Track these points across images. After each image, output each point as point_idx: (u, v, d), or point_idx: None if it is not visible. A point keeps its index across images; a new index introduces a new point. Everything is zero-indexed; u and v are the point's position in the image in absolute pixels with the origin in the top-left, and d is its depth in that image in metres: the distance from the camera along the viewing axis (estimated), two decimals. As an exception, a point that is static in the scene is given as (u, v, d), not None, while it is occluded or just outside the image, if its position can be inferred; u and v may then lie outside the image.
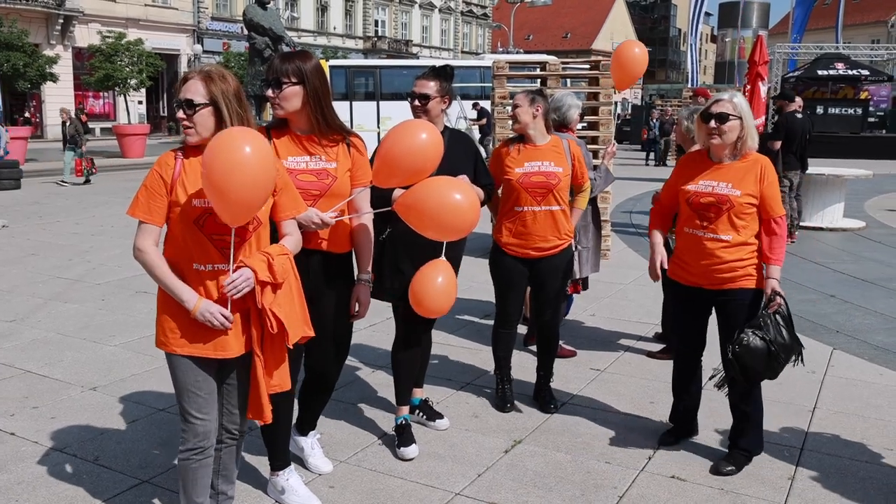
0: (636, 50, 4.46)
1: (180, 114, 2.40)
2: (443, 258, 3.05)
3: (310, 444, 3.38)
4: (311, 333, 2.61)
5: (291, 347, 2.50)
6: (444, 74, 3.45)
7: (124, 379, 4.47)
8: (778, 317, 3.20)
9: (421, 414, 3.84)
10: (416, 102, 3.43)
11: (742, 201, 3.21)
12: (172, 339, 2.45)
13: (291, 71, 2.78)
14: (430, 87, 3.40)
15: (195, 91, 2.39)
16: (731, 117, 3.21)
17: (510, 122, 4.37)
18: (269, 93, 2.81)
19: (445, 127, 3.52)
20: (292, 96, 2.79)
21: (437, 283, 2.98)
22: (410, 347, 3.58)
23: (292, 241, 2.59)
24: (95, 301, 6.29)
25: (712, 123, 3.23)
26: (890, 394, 4.35)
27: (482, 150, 20.58)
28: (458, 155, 3.47)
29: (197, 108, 2.38)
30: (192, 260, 2.43)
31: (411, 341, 3.58)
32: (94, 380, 4.45)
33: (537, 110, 3.84)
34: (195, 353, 2.45)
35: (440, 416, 3.86)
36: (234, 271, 2.38)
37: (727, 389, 3.42)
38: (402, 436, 3.55)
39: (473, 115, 20.24)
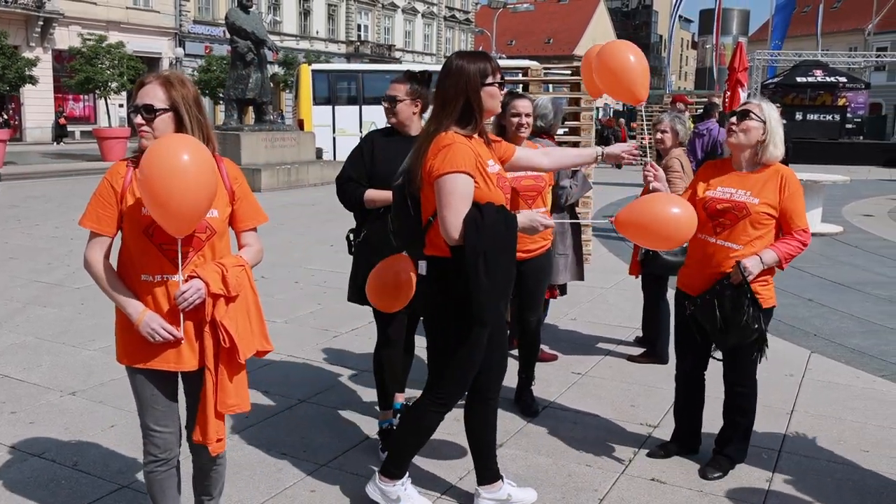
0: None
1: (138, 119, 2.34)
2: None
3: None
4: (270, 348, 2.52)
5: (243, 363, 2.41)
6: (416, 79, 3.45)
7: (104, 383, 4.43)
8: (743, 295, 3.12)
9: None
10: (385, 104, 3.45)
11: (759, 210, 3.15)
12: (129, 353, 2.43)
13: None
14: (400, 90, 3.40)
15: (154, 96, 2.34)
16: (752, 116, 3.17)
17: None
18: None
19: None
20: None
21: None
22: (392, 351, 3.59)
23: (251, 252, 2.54)
24: (75, 305, 6.24)
25: (733, 119, 3.22)
26: (866, 396, 4.41)
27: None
28: None
29: (157, 114, 2.34)
30: (140, 271, 2.38)
31: (392, 344, 3.58)
32: (73, 384, 4.41)
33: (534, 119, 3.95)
34: (153, 366, 2.41)
35: None
36: (186, 282, 2.33)
37: (723, 398, 3.43)
38: (387, 440, 3.55)
39: None
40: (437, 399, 2.87)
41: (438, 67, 3.09)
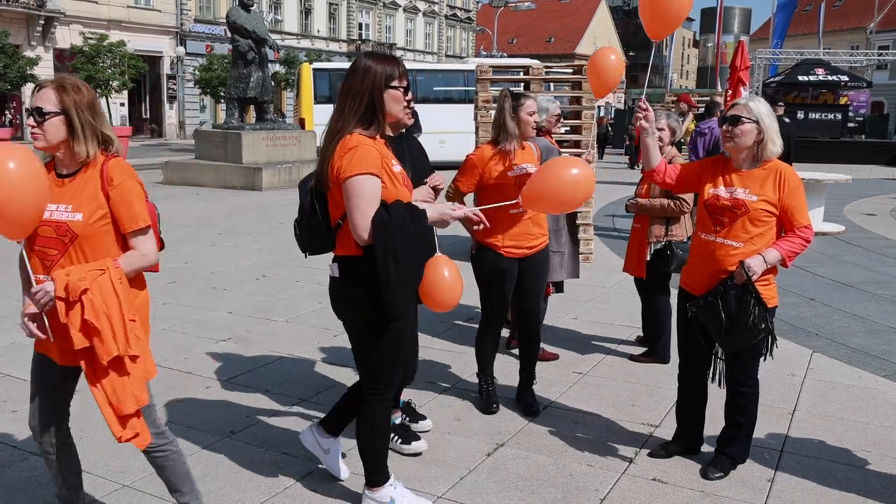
0: (612, 57, 4.46)
1: (30, 121, 2.45)
2: (439, 253, 3.11)
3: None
4: (133, 352, 2.47)
5: (104, 364, 2.40)
6: None
7: (104, 383, 4.42)
8: (748, 295, 3.11)
9: (405, 416, 3.85)
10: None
11: (758, 207, 3.14)
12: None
13: None
14: None
15: (46, 100, 2.43)
16: (744, 120, 3.17)
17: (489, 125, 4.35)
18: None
19: (401, 133, 3.56)
20: None
21: (445, 278, 3.03)
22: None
23: (130, 256, 2.55)
24: (75, 304, 6.22)
25: (726, 126, 3.23)
26: (868, 396, 4.40)
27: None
28: (417, 155, 3.64)
29: (46, 117, 2.42)
30: (34, 270, 2.51)
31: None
32: (74, 384, 4.41)
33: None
34: (39, 349, 2.61)
35: (423, 418, 3.88)
36: (39, 283, 2.44)
37: (725, 398, 3.42)
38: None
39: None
40: (376, 395, 2.92)
41: (440, 66, 3.11)
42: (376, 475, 3.00)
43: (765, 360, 3.30)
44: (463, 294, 3.14)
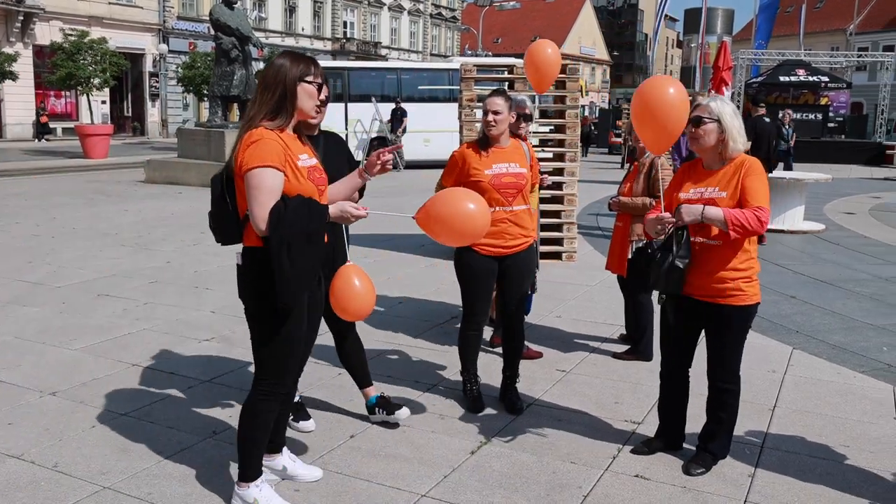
0: (548, 50, 4.45)
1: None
2: (350, 262, 3.19)
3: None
4: None
5: None
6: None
7: (85, 383, 4.39)
8: (674, 239, 3.19)
9: (381, 410, 3.85)
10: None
11: (728, 203, 3.16)
12: None
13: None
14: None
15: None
16: (705, 120, 3.21)
17: (478, 124, 4.36)
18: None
19: (320, 131, 3.65)
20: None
21: (355, 287, 3.09)
22: (343, 345, 3.86)
23: None
24: (56, 304, 6.17)
25: (689, 128, 3.26)
26: (847, 392, 4.45)
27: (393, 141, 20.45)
28: (335, 155, 3.66)
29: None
30: None
31: (341, 342, 3.86)
32: (54, 384, 4.37)
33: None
34: None
35: (399, 407, 3.86)
36: None
37: (707, 395, 3.45)
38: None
39: (387, 117, 20.47)
40: (262, 389, 2.92)
41: (425, 65, 3.14)
42: (249, 470, 2.98)
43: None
44: (438, 294, 3.14)
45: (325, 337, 4.24)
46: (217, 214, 2.93)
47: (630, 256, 4.82)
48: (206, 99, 25.16)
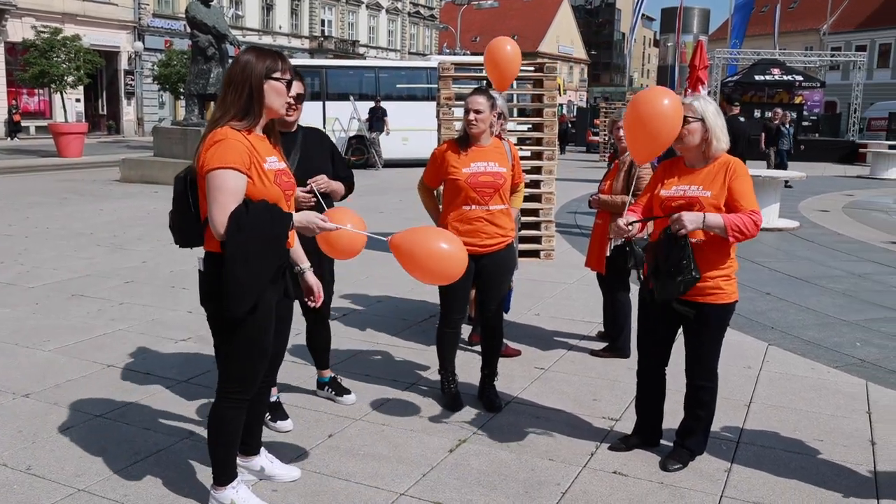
0: (508, 48, 4.44)
1: None
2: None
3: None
4: None
5: None
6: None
7: (59, 385, 4.33)
8: (679, 248, 3.13)
9: (330, 390, 4.12)
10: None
11: (712, 202, 3.17)
12: None
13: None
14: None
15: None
16: (690, 119, 3.23)
17: (456, 123, 4.34)
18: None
19: (299, 126, 3.66)
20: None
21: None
22: (313, 330, 4.06)
23: None
24: (29, 305, 6.08)
25: None
26: (820, 387, 4.51)
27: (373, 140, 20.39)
28: (315, 151, 3.68)
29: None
30: None
31: (313, 326, 4.04)
32: (27, 386, 4.30)
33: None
34: None
35: (348, 392, 4.12)
36: None
37: (685, 392, 3.47)
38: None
39: (365, 116, 20.43)
40: (228, 396, 2.88)
41: (403, 63, 3.12)
42: (223, 474, 2.94)
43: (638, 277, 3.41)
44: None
45: (301, 337, 4.23)
46: (177, 215, 2.84)
47: (609, 254, 4.85)
48: (182, 97, 24.91)
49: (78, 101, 31.37)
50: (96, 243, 8.87)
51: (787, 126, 17.72)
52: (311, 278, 3.08)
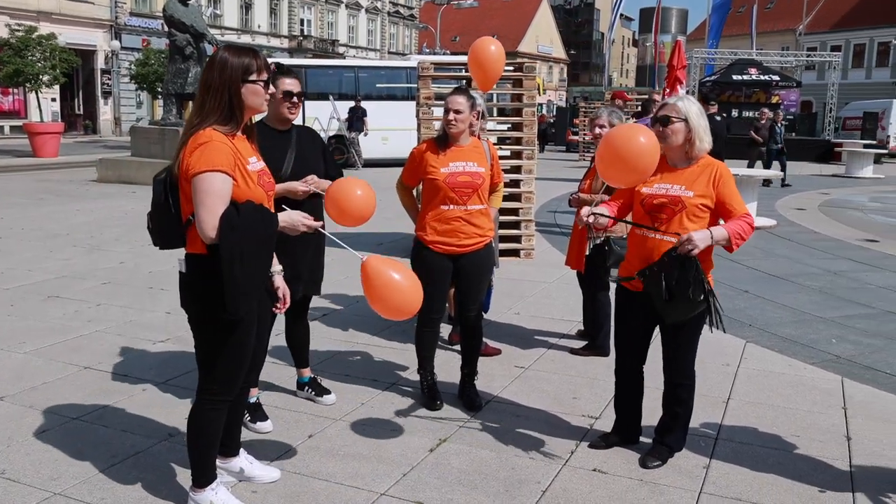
0: (492, 48, 4.44)
1: None
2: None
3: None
4: None
5: None
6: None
7: (35, 387, 4.27)
8: (689, 268, 3.12)
9: (310, 390, 4.11)
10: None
11: (694, 202, 3.20)
12: None
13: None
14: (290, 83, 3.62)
15: None
16: (673, 119, 3.25)
17: (436, 122, 4.33)
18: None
19: (293, 125, 3.70)
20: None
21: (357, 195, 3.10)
22: (293, 327, 4.09)
23: None
24: (4, 307, 5.99)
25: (657, 127, 3.28)
26: (797, 383, 4.56)
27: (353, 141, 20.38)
28: (309, 150, 3.71)
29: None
30: None
31: (293, 323, 4.07)
32: (2, 389, 4.24)
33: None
34: None
35: (328, 392, 4.11)
36: None
37: (663, 389, 3.50)
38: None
39: (345, 115, 20.42)
40: (210, 397, 2.86)
41: (382, 63, 3.14)
42: (202, 476, 2.93)
43: (712, 331, 3.37)
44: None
45: (281, 338, 4.21)
46: (157, 217, 2.81)
47: (588, 253, 4.87)
48: (160, 97, 24.69)
49: (54, 100, 30.99)
50: (73, 244, 8.76)
51: (780, 125, 17.92)
52: (280, 282, 3.07)
